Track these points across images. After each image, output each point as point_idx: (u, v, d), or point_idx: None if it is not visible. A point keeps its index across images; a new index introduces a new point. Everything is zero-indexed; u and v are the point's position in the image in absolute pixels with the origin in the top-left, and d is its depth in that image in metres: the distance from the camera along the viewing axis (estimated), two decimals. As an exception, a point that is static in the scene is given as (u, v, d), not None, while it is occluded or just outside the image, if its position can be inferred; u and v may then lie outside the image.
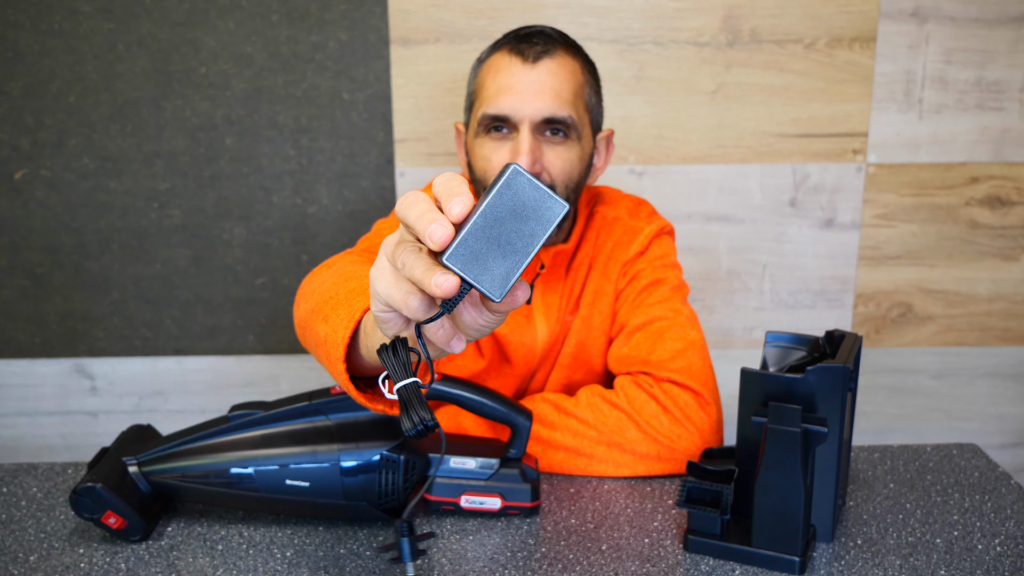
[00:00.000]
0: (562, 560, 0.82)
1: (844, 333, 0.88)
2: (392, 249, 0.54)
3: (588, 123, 1.09)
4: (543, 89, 1.03)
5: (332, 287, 0.79)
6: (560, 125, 1.04)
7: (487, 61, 1.08)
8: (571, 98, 1.05)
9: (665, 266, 1.15)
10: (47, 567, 0.82)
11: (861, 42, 1.56)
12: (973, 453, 1.05)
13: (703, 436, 1.00)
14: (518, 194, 0.51)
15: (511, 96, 1.03)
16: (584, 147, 1.08)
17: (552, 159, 1.04)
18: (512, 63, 1.04)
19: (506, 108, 1.03)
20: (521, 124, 1.03)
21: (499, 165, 1.04)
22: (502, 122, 1.04)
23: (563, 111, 1.03)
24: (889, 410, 1.75)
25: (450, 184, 0.52)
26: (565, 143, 1.05)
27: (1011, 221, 1.66)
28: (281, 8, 1.52)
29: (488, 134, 1.05)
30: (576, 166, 1.07)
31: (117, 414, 1.70)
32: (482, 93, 1.07)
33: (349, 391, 0.70)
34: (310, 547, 0.85)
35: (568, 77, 1.05)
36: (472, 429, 1.03)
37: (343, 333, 0.69)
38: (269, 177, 1.59)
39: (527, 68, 1.03)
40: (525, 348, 1.14)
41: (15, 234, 1.60)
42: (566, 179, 1.06)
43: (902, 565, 0.81)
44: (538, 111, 1.02)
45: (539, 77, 1.03)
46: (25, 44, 1.52)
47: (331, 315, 0.72)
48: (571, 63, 1.06)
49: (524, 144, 1.02)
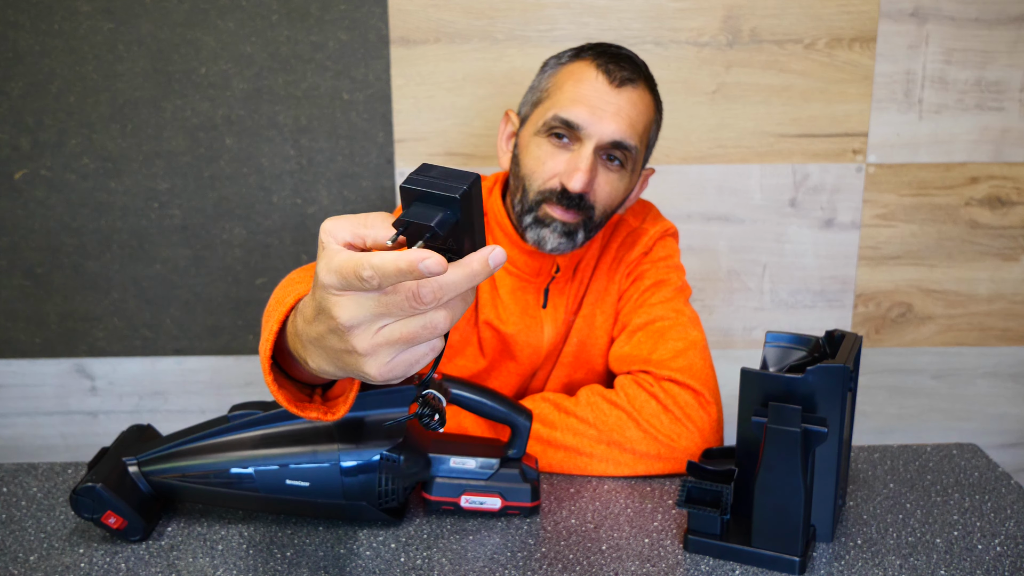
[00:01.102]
0: (562, 560, 0.82)
1: (844, 333, 0.88)
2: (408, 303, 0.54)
3: (642, 158, 1.11)
4: (620, 114, 1.03)
5: (272, 298, 0.81)
6: (620, 153, 1.04)
7: (569, 66, 1.07)
8: (641, 131, 1.06)
9: (669, 268, 1.15)
10: (47, 567, 0.82)
11: (861, 42, 1.56)
12: (973, 453, 1.05)
13: (703, 435, 1.00)
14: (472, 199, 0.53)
15: (588, 109, 1.02)
16: (632, 180, 1.10)
17: (602, 183, 1.05)
18: (598, 78, 1.04)
19: (581, 118, 1.02)
20: (588, 140, 1.03)
21: (551, 171, 1.04)
22: (569, 130, 1.03)
23: (632, 140, 1.04)
24: (889, 410, 1.75)
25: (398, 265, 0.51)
26: (619, 172, 1.06)
27: (1011, 221, 1.66)
28: (281, 8, 1.52)
29: (548, 136, 1.05)
30: (620, 196, 1.08)
31: (117, 414, 1.70)
32: (557, 95, 1.06)
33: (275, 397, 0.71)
34: (310, 547, 0.85)
35: (644, 110, 1.06)
36: (472, 429, 1.03)
37: (265, 347, 0.70)
38: (269, 177, 1.59)
39: (611, 89, 1.03)
40: (531, 348, 1.14)
41: (15, 234, 1.60)
42: (607, 205, 1.07)
43: (902, 565, 0.81)
44: (611, 133, 1.02)
45: (619, 102, 1.03)
46: (25, 44, 1.52)
47: (263, 327, 0.74)
48: (648, 98, 1.07)
49: (585, 160, 1.02)
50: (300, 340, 0.62)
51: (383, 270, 0.51)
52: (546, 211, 1.04)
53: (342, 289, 0.54)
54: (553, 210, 1.04)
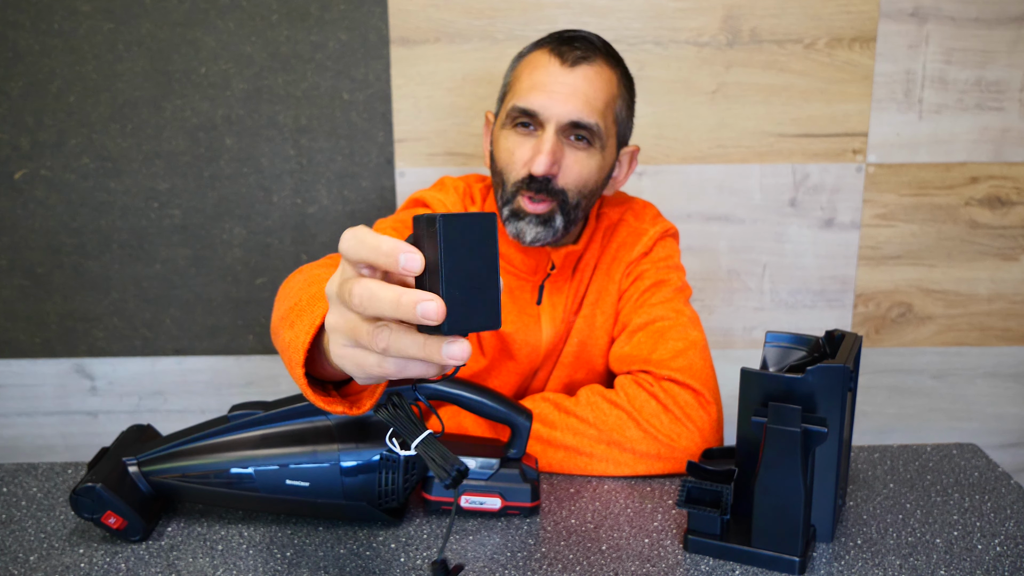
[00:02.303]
0: (562, 560, 0.82)
1: (844, 333, 0.88)
2: (366, 337, 0.53)
3: (615, 135, 1.10)
4: (576, 93, 1.03)
5: (298, 293, 0.79)
6: (585, 131, 1.04)
7: (527, 57, 1.09)
8: (601, 107, 1.05)
9: (669, 268, 1.15)
10: (47, 567, 0.82)
11: (861, 42, 1.56)
12: (973, 453, 1.05)
13: (703, 435, 1.00)
14: (457, 233, 0.52)
15: (543, 94, 1.03)
16: (606, 158, 1.09)
17: (571, 163, 1.05)
18: (551, 62, 1.05)
19: (536, 104, 1.03)
20: (548, 123, 1.03)
21: (521, 160, 1.05)
22: (530, 118, 1.04)
23: (591, 118, 1.04)
24: (889, 410, 1.75)
25: (379, 244, 0.51)
26: (588, 150, 1.06)
27: (1011, 221, 1.66)
28: (281, 8, 1.52)
29: (514, 128, 1.06)
30: (593, 175, 1.07)
31: (117, 414, 1.70)
32: (516, 86, 1.07)
33: (307, 395, 0.71)
34: (310, 547, 0.85)
35: (603, 86, 1.05)
36: (472, 429, 1.03)
37: (304, 339, 0.69)
38: (269, 177, 1.59)
39: (564, 70, 1.04)
40: (530, 347, 1.14)
41: (15, 234, 1.60)
42: (580, 186, 1.06)
43: (902, 565, 0.81)
44: (566, 113, 1.03)
45: (574, 81, 1.03)
46: (25, 44, 1.52)
47: (296, 321, 0.73)
48: (608, 73, 1.07)
49: (547, 143, 1.02)
50: None
51: (362, 239, 0.52)
52: (519, 204, 1.05)
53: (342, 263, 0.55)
54: (525, 203, 1.05)
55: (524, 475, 0.90)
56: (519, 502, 0.89)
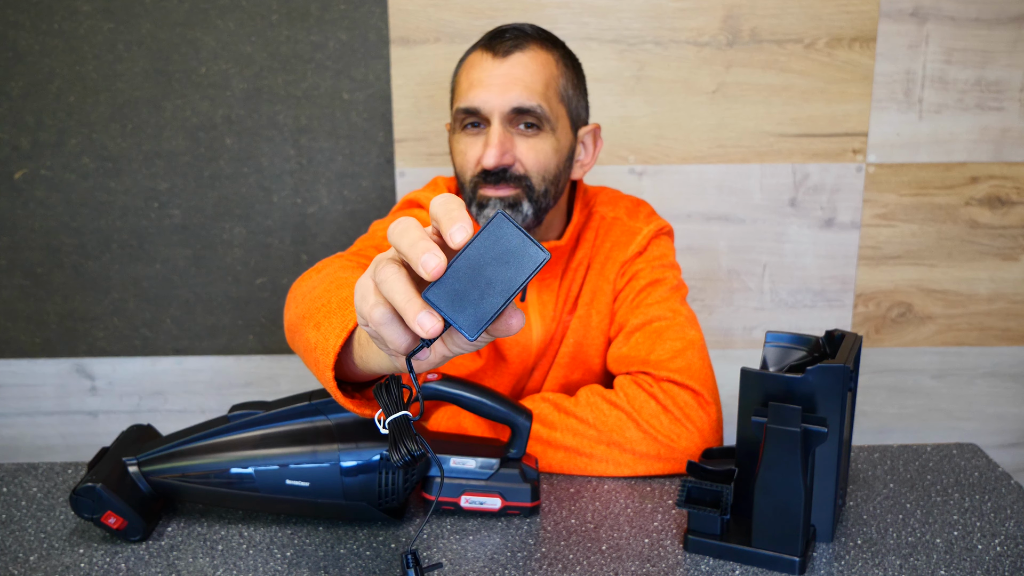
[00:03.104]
0: (562, 560, 0.82)
1: (844, 333, 0.88)
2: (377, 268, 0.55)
3: (565, 115, 1.10)
4: (511, 81, 1.04)
5: (324, 293, 0.79)
6: (530, 116, 1.05)
7: (464, 60, 1.11)
8: (542, 89, 1.06)
9: (664, 266, 1.15)
10: (47, 567, 0.82)
11: (861, 42, 1.56)
12: (973, 453, 1.05)
13: (703, 435, 1.00)
14: (502, 239, 0.53)
15: (481, 89, 1.05)
16: (560, 140, 1.09)
17: (525, 151, 1.06)
18: (484, 59, 1.06)
19: (476, 101, 1.05)
20: (492, 116, 1.04)
21: (473, 158, 1.06)
22: (475, 116, 1.06)
23: (531, 101, 1.04)
24: (889, 410, 1.75)
25: (450, 207, 0.53)
26: (538, 135, 1.06)
27: (1011, 221, 1.66)
28: (281, 8, 1.52)
29: (464, 129, 1.08)
30: (551, 158, 1.08)
31: (117, 414, 1.70)
32: (457, 90, 1.09)
33: (336, 397, 0.71)
34: (310, 547, 0.85)
35: (539, 69, 1.06)
36: (472, 429, 1.03)
37: (335, 342, 0.69)
38: (269, 177, 1.59)
39: (497, 62, 1.05)
40: (520, 347, 1.14)
41: (15, 234, 1.60)
42: (542, 171, 1.07)
43: (902, 565, 0.81)
44: (506, 102, 1.04)
45: (509, 70, 1.05)
46: (25, 44, 1.52)
47: (323, 322, 0.73)
48: (543, 56, 1.07)
49: (493, 136, 1.04)
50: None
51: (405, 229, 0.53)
52: (481, 193, 1.06)
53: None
54: (485, 190, 1.06)
55: (524, 475, 0.90)
56: (519, 502, 0.89)
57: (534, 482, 0.90)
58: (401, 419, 0.60)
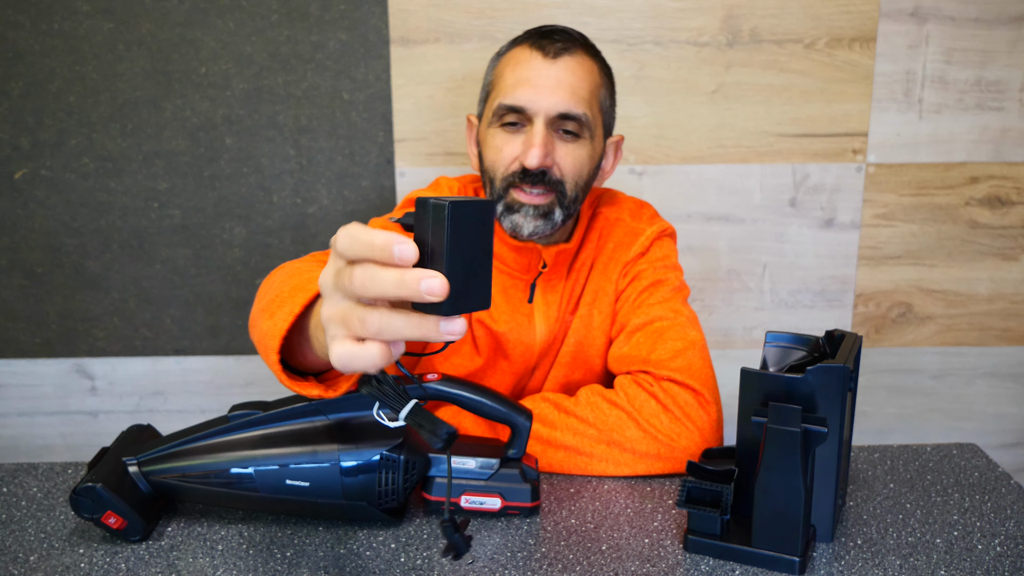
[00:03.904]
0: (562, 560, 0.82)
1: (844, 333, 0.88)
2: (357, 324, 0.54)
3: (600, 124, 1.10)
4: (561, 85, 1.03)
5: (279, 286, 0.81)
6: (574, 123, 1.04)
7: (507, 54, 1.09)
8: (587, 96, 1.06)
9: (666, 267, 1.15)
10: (47, 567, 0.82)
11: (861, 42, 1.56)
12: (973, 453, 1.05)
13: (703, 435, 1.00)
14: (463, 221, 0.53)
15: (529, 89, 1.03)
16: (595, 147, 1.09)
17: (563, 155, 1.05)
18: (532, 57, 1.05)
19: (523, 100, 1.03)
20: (536, 117, 1.03)
21: (510, 155, 1.05)
22: (517, 114, 1.04)
23: (578, 108, 1.04)
24: (889, 410, 1.75)
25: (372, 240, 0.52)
26: (577, 141, 1.06)
27: (1011, 221, 1.66)
28: (281, 8, 1.52)
29: (502, 126, 1.06)
30: (586, 165, 1.08)
31: (117, 414, 1.70)
32: (499, 84, 1.07)
33: (280, 378, 0.73)
34: (310, 547, 0.85)
35: (585, 76, 1.06)
36: (472, 429, 1.03)
37: (282, 326, 0.71)
38: (269, 177, 1.59)
39: (547, 63, 1.04)
40: (523, 346, 1.14)
41: (15, 234, 1.60)
42: (576, 176, 1.07)
43: (902, 565, 0.81)
44: (554, 105, 1.03)
45: (558, 73, 1.04)
46: (25, 44, 1.52)
47: (276, 312, 0.74)
48: (589, 63, 1.07)
49: (537, 136, 1.03)
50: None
51: (356, 235, 0.53)
52: (514, 197, 1.05)
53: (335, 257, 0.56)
54: (519, 194, 1.05)
55: (524, 475, 0.90)
56: (519, 502, 0.89)
57: (534, 482, 0.90)
58: (415, 407, 0.60)
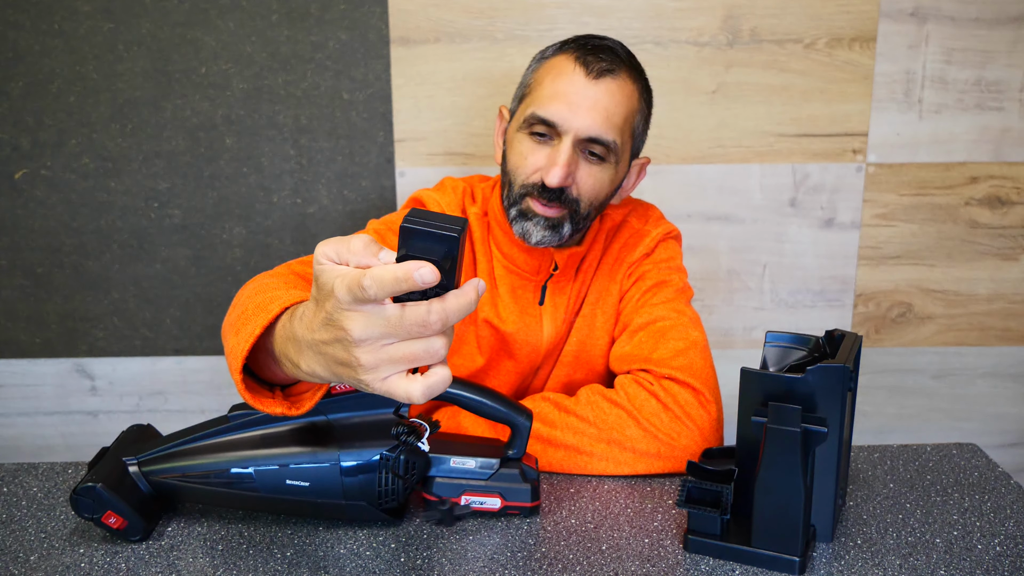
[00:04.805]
0: (562, 560, 0.82)
1: (844, 333, 0.88)
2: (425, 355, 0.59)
3: (629, 148, 1.10)
4: (596, 108, 1.02)
5: (246, 302, 0.81)
6: (601, 147, 1.04)
7: (551, 60, 1.07)
8: (620, 123, 1.05)
9: (671, 269, 1.15)
10: (47, 567, 0.82)
11: (861, 42, 1.56)
12: (973, 453, 1.05)
13: (703, 434, 1.00)
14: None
15: (564, 105, 1.02)
16: (619, 171, 1.09)
17: (584, 177, 1.05)
18: (575, 72, 1.03)
19: (556, 115, 1.02)
20: (565, 135, 1.02)
21: (533, 166, 1.04)
22: (547, 127, 1.03)
23: (609, 135, 1.03)
24: (889, 410, 1.75)
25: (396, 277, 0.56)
26: (601, 165, 1.05)
27: (1011, 221, 1.66)
28: (281, 8, 1.52)
29: (530, 135, 1.05)
30: (605, 188, 1.08)
31: (117, 414, 1.70)
32: (536, 91, 1.06)
33: (244, 396, 0.74)
34: (310, 547, 0.85)
35: (624, 101, 1.05)
36: (472, 429, 1.03)
37: (244, 346, 0.72)
38: (269, 177, 1.59)
39: (588, 82, 1.03)
40: (530, 347, 1.14)
41: (15, 234, 1.60)
42: (592, 198, 1.07)
43: (902, 565, 0.81)
44: (585, 128, 1.02)
45: (596, 94, 1.02)
46: (25, 44, 1.52)
47: (241, 329, 0.75)
48: (630, 88, 1.06)
49: (563, 155, 1.02)
50: (295, 343, 0.65)
51: (381, 279, 0.56)
52: (528, 205, 1.05)
53: (352, 302, 0.57)
54: (535, 204, 1.05)
55: (524, 475, 0.90)
56: (519, 502, 0.89)
57: (534, 482, 0.90)
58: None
